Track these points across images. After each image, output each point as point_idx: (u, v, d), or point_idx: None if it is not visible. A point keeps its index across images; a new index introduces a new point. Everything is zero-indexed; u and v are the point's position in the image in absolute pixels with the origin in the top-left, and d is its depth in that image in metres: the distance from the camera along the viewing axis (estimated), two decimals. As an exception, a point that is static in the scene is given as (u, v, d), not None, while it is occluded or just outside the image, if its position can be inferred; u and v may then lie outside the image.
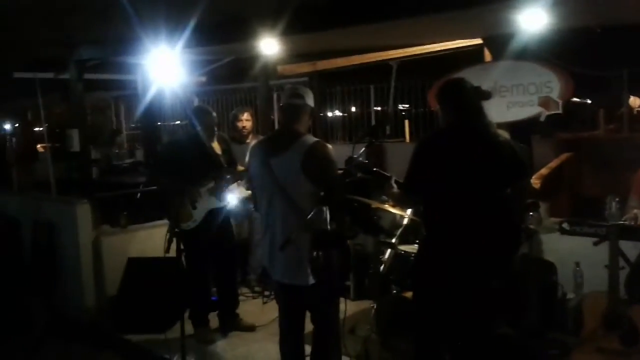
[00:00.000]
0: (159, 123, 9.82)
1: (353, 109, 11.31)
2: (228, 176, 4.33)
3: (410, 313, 3.56)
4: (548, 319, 3.69)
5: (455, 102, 2.97)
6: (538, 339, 3.63)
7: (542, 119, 4.67)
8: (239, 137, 5.22)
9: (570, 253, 4.00)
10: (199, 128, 4.27)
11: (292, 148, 3.03)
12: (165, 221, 4.41)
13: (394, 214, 4.21)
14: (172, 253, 4.04)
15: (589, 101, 11.40)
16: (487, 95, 2.98)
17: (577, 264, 3.96)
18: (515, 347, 3.54)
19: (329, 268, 2.92)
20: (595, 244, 3.36)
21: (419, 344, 3.10)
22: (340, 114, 11.30)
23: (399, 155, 2.98)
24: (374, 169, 3.24)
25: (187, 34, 4.36)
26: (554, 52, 4.90)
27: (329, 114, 11.45)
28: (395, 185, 3.12)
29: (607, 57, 6.83)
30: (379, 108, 10.12)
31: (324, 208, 3.06)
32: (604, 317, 3.18)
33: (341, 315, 3.32)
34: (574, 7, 3.56)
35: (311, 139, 3.09)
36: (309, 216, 2.85)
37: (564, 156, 5.80)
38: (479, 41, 5.33)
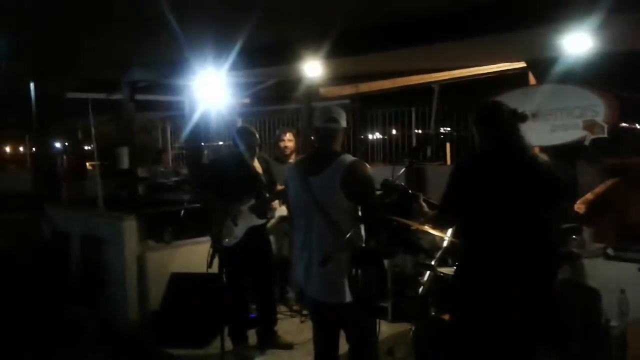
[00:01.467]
0: (203, 143, 10.09)
1: (394, 131, 11.32)
2: (268, 195, 4.42)
3: (448, 336, 3.54)
4: (591, 346, 3.59)
5: (492, 125, 2.98)
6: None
7: (587, 142, 4.60)
8: (282, 157, 5.32)
9: (615, 279, 3.90)
10: (242, 148, 4.38)
11: (331, 166, 3.08)
12: (208, 238, 4.51)
13: (434, 235, 4.20)
14: (215, 269, 4.15)
15: (638, 126, 11.10)
16: (523, 118, 2.98)
17: (622, 291, 3.85)
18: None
19: (366, 286, 2.93)
20: (641, 270, 3.28)
21: None
22: (381, 137, 11.32)
23: (440, 177, 3.00)
24: (410, 192, 3.25)
25: (233, 56, 4.51)
26: (600, 75, 4.83)
27: (370, 136, 11.50)
28: (424, 204, 3.13)
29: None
30: (420, 131, 10.10)
31: (362, 227, 3.09)
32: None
33: (381, 336, 3.31)
34: (620, 31, 3.53)
35: (349, 157, 3.14)
36: (348, 234, 2.89)
37: (610, 182, 5.65)
38: (522, 64, 5.31)
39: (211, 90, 5.56)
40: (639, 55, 4.63)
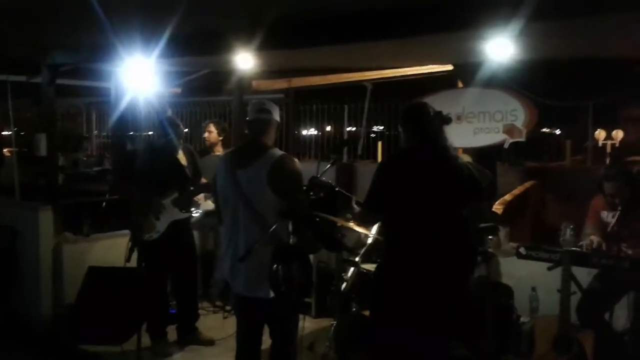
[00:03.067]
0: (130, 132, 9.77)
1: (328, 127, 11.37)
2: (192, 188, 4.33)
3: (368, 331, 3.59)
4: (503, 342, 3.74)
5: (416, 125, 3.05)
6: (493, 362, 3.67)
7: (506, 145, 4.79)
8: (204, 149, 5.27)
9: (527, 277, 4.08)
10: (168, 138, 4.27)
11: (259, 161, 3.06)
12: (129, 231, 4.36)
13: (359, 232, 4.24)
14: (133, 263, 4.02)
15: (558, 132, 11.69)
16: (447, 120, 3.07)
17: (533, 289, 4.04)
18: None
19: (288, 282, 2.93)
20: (549, 269, 3.44)
21: None
22: (314, 132, 11.35)
23: (370, 175, 3.04)
24: (336, 189, 3.28)
25: (162, 44, 4.37)
26: (522, 81, 5.03)
27: (303, 132, 11.50)
28: (356, 206, 3.18)
29: (574, 88, 7.03)
30: (353, 128, 10.20)
31: (287, 222, 3.08)
32: (555, 341, 3.24)
33: (300, 332, 3.32)
34: (538, 39, 3.67)
35: (278, 152, 3.12)
36: (272, 229, 2.87)
37: (528, 184, 5.93)
38: (450, 67, 5.45)
39: (139, 77, 5.38)
40: (557, 63, 4.86)
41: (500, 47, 3.72)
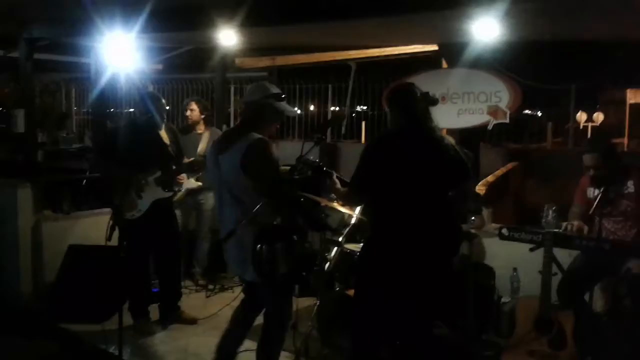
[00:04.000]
0: (111, 109, 9.60)
1: (311, 107, 11.30)
2: (175, 166, 4.28)
3: (351, 310, 3.60)
4: (484, 322, 3.79)
5: (404, 106, 3.04)
6: (473, 341, 3.72)
7: (490, 127, 4.79)
8: (186, 127, 5.20)
9: (509, 258, 4.12)
10: (150, 115, 4.20)
11: (236, 145, 3.05)
12: (110, 209, 4.30)
13: (343, 212, 4.24)
14: (115, 242, 3.98)
15: (539, 114, 11.77)
16: (434, 102, 3.06)
17: (515, 269, 4.09)
18: (451, 347, 3.63)
19: (272, 263, 2.92)
20: (532, 250, 3.48)
21: (356, 342, 3.14)
22: (298, 111, 11.27)
23: (354, 155, 3.03)
24: (324, 168, 3.27)
25: (143, 18, 4.27)
26: (506, 63, 5.03)
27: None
28: (337, 181, 3.17)
29: (557, 71, 7.06)
30: (336, 108, 10.16)
31: (270, 204, 3.06)
32: (535, 322, 3.29)
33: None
34: (524, 19, 3.66)
35: (254, 136, 3.08)
36: (253, 211, 2.85)
37: (510, 165, 5.95)
38: (435, 47, 5.42)
39: (120, 53, 5.27)
40: (541, 45, 4.86)
41: (486, 27, 3.71)
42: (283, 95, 3.20)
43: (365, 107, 10.01)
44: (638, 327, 3.37)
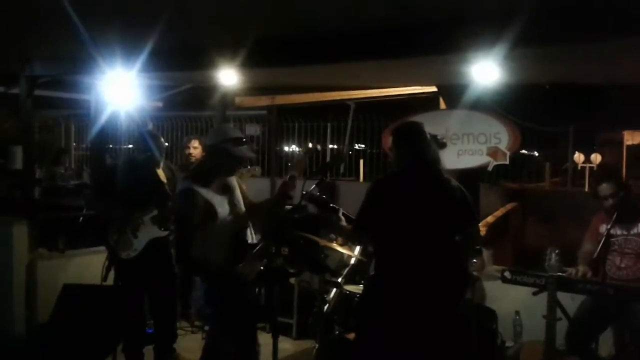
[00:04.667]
0: (110, 146, 9.61)
1: (310, 145, 11.34)
2: (171, 204, 4.24)
3: (352, 355, 3.52)
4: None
5: (411, 144, 3.00)
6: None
7: (490, 168, 4.79)
8: (187, 165, 5.18)
9: (511, 301, 4.06)
10: (149, 153, 4.19)
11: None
12: (105, 248, 4.25)
13: (342, 253, 4.19)
14: (110, 282, 3.91)
15: (536, 154, 11.84)
16: (442, 145, 3.05)
17: (517, 313, 4.02)
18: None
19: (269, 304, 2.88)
20: (535, 294, 3.42)
21: None
22: (297, 149, 11.33)
23: (352, 194, 3.03)
24: (328, 201, 3.26)
25: (143, 57, 4.31)
26: (505, 105, 5.07)
27: (285, 149, 11.46)
28: (343, 218, 3.14)
29: (555, 113, 7.12)
30: (335, 146, 10.20)
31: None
32: (540, 367, 3.21)
33: (283, 354, 3.25)
34: (524, 63, 3.70)
35: (183, 185, 3.26)
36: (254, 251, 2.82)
37: (509, 206, 5.96)
38: (434, 89, 5.47)
39: (120, 90, 5.30)
40: (539, 88, 4.91)
41: (485, 71, 3.74)
42: (244, 139, 3.24)
43: (363, 146, 10.06)
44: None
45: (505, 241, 5.53)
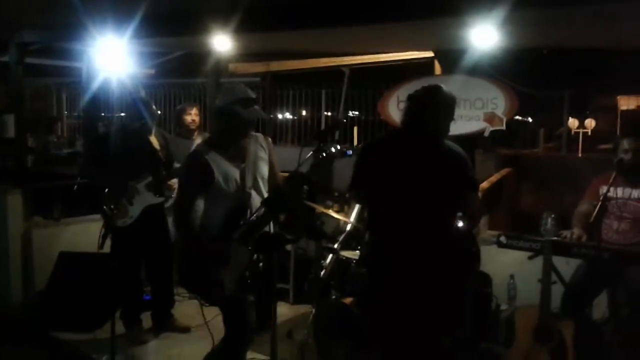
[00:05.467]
0: (102, 114, 9.52)
1: (304, 112, 11.29)
2: (165, 172, 4.23)
3: (348, 319, 3.56)
4: (481, 330, 3.75)
5: (415, 111, 2.92)
6: (471, 349, 3.68)
7: (487, 134, 4.78)
8: (185, 133, 5.12)
9: (506, 266, 4.10)
10: (142, 120, 4.16)
11: None
12: (101, 216, 4.24)
13: (338, 219, 4.21)
14: (107, 249, 3.92)
15: (530, 119, 11.83)
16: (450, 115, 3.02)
17: (512, 277, 4.06)
18: (448, 356, 3.59)
19: (268, 272, 2.87)
20: (530, 258, 3.45)
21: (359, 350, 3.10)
22: (291, 117, 11.26)
23: (346, 168, 3.01)
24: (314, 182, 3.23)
25: (135, 23, 4.23)
26: (502, 70, 5.03)
27: (280, 116, 11.39)
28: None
29: (552, 78, 7.09)
30: (329, 113, 10.15)
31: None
32: (535, 330, 3.26)
33: (281, 319, 3.28)
34: (523, 26, 3.65)
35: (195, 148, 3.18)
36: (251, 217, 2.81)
37: (504, 171, 5.96)
38: (430, 54, 5.42)
39: (112, 57, 5.22)
40: (538, 52, 4.87)
41: (483, 35, 3.70)
42: (253, 99, 3.00)
43: (357, 113, 10.01)
44: (637, 335, 3.35)
45: (500, 207, 5.55)
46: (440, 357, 3.13)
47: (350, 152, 3.07)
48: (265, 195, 3.04)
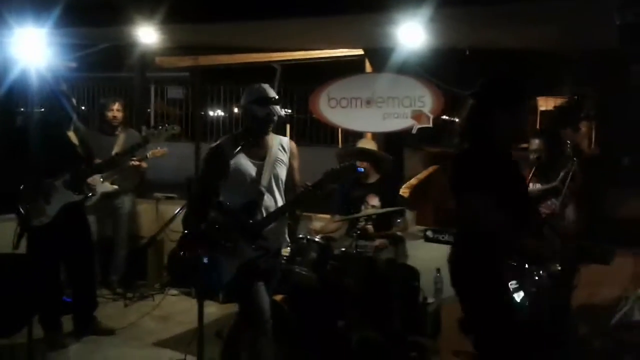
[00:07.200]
0: (21, 108, 9.02)
1: (235, 109, 11.16)
2: (84, 168, 4.04)
3: (278, 317, 3.53)
4: (409, 323, 3.83)
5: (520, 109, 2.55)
6: (399, 342, 3.75)
7: (414, 131, 4.88)
8: (108, 129, 4.94)
9: (433, 260, 4.19)
10: (61, 113, 3.97)
11: None
12: (16, 215, 4.01)
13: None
14: (22, 250, 3.71)
15: (456, 119, 12.21)
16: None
17: (438, 270, 4.16)
18: (377, 349, 3.63)
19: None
20: (455, 251, 3.53)
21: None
22: (222, 114, 11.11)
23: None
24: None
25: (55, 13, 4.04)
26: (430, 69, 5.15)
27: (210, 113, 11.21)
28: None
29: (475, 78, 7.31)
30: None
31: None
32: (460, 322, 3.35)
33: (209, 319, 3.22)
34: (447, 25, 3.75)
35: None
36: None
37: (431, 168, 6.11)
38: (361, 52, 5.47)
39: (30, 49, 4.95)
40: (462, 52, 5.02)
41: (410, 32, 3.77)
42: (269, 99, 3.07)
43: (290, 111, 9.99)
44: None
45: (427, 202, 5.69)
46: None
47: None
48: (280, 198, 3.13)
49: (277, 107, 3.10)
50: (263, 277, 3.06)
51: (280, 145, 3.19)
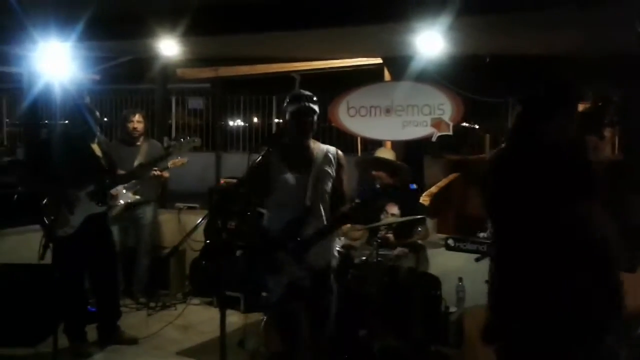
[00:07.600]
0: (45, 121, 9.22)
1: (255, 119, 11.24)
2: (108, 180, 4.10)
3: (299, 325, 3.54)
4: (431, 332, 3.80)
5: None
6: (421, 351, 3.72)
7: (434, 139, 4.87)
8: (129, 140, 5.01)
9: (454, 269, 4.17)
10: (85, 127, 4.04)
11: None
12: (41, 226, 4.08)
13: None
14: (48, 261, 3.77)
15: (476, 126, 12.14)
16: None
17: (460, 279, 4.13)
18: (399, 358, 3.62)
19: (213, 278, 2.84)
20: (477, 260, 3.52)
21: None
22: (242, 124, 11.19)
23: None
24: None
25: (79, 27, 4.13)
26: (449, 77, 5.14)
27: (230, 123, 11.30)
28: None
29: (495, 85, 7.28)
30: (280, 120, 10.15)
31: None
32: (483, 332, 3.32)
33: (231, 328, 3.22)
34: (466, 33, 3.75)
35: None
36: None
37: (452, 176, 6.07)
38: (379, 61, 5.49)
39: (54, 62, 5.06)
40: (482, 59, 5.00)
41: (429, 41, 3.77)
42: (304, 95, 2.87)
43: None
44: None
45: (448, 211, 5.65)
46: None
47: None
48: (324, 214, 2.90)
49: (312, 104, 2.86)
50: (308, 298, 2.89)
51: (326, 156, 2.94)
